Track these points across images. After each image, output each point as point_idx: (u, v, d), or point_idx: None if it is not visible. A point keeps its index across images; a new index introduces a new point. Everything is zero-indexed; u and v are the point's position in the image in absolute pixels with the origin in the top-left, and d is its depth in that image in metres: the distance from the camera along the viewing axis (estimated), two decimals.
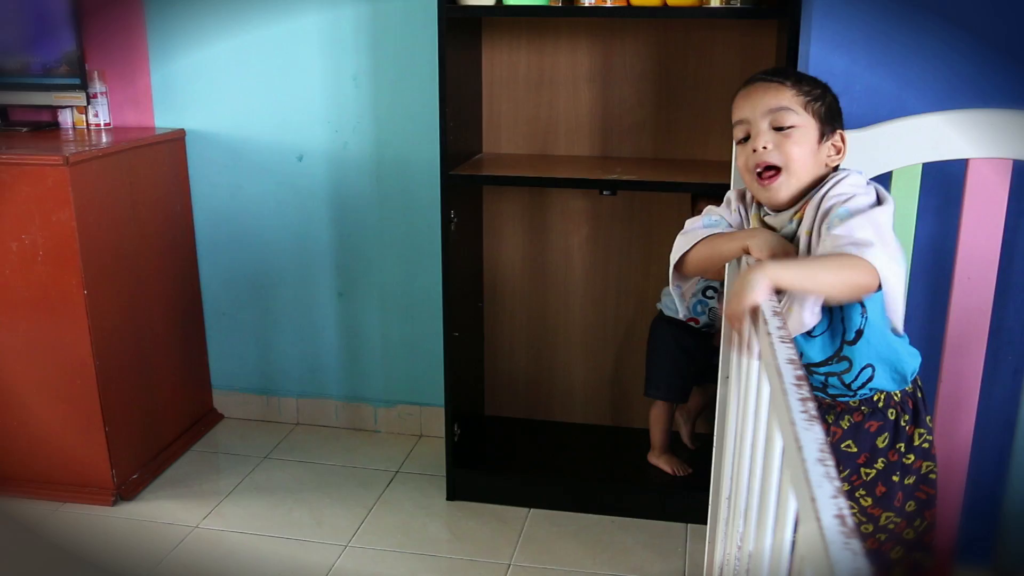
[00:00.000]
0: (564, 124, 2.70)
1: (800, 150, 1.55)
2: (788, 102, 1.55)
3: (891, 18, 1.99)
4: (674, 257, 1.69)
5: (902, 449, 1.64)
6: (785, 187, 1.56)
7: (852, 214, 1.44)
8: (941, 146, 1.85)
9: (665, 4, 2.26)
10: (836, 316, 1.56)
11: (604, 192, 2.65)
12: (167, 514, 2.58)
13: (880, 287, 1.37)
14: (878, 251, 1.37)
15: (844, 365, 1.59)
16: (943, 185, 2.03)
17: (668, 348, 2.59)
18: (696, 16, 2.37)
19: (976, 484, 2.13)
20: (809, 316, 1.50)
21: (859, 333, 1.55)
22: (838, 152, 1.59)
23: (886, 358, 1.59)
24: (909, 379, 1.63)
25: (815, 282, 1.39)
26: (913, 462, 1.65)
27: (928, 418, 1.67)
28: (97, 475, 2.61)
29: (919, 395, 1.67)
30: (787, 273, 1.36)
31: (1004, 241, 1.92)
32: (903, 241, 1.90)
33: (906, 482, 1.65)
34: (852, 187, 1.51)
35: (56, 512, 2.58)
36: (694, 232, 1.68)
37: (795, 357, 1.07)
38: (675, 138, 2.65)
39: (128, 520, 2.55)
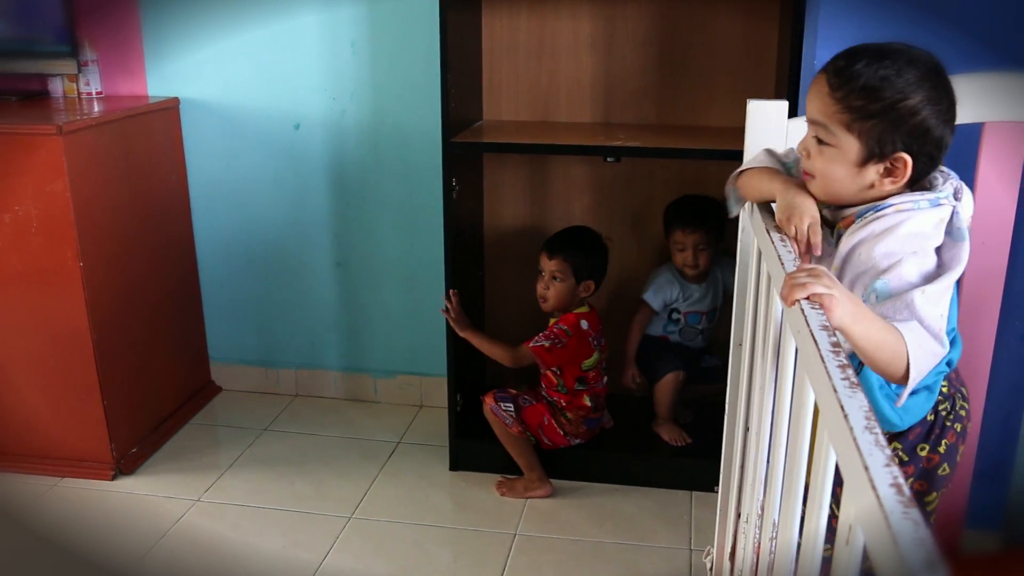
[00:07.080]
0: (566, 91, 2.66)
1: (829, 168, 1.37)
2: (827, 118, 1.35)
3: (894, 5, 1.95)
4: (742, 167, 1.61)
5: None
6: (816, 191, 1.41)
7: (891, 294, 1.27)
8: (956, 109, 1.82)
9: None
10: None
11: (608, 159, 2.62)
12: (168, 488, 2.56)
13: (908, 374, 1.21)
14: (912, 332, 1.21)
15: None
16: (957, 149, 2.00)
17: (654, 345, 2.70)
18: None
19: (986, 449, 2.12)
20: None
21: None
22: (890, 174, 1.34)
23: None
24: (903, 427, 1.51)
25: (859, 334, 1.18)
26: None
27: (943, 443, 1.54)
28: (96, 449, 2.58)
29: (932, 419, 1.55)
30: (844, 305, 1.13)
31: (1019, 205, 1.90)
32: None
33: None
34: (903, 243, 1.31)
35: (55, 487, 2.55)
36: (757, 159, 1.60)
37: (828, 324, 1.04)
38: (679, 104, 2.62)
39: (128, 495, 2.53)
